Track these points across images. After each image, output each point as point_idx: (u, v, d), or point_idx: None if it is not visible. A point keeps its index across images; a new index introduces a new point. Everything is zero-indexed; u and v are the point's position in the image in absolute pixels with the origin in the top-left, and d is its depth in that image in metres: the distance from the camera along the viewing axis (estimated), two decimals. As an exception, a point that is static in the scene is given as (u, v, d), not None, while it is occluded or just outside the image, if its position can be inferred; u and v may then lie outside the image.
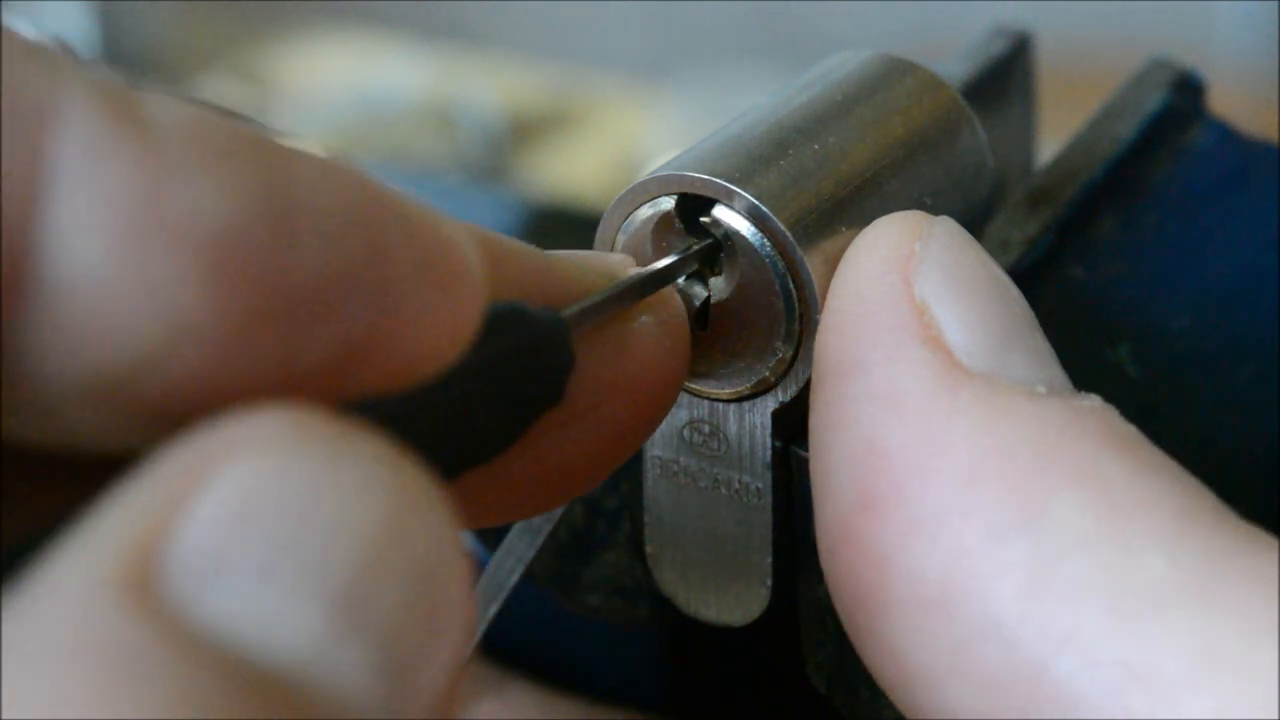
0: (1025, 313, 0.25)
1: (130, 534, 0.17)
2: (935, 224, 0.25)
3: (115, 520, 0.17)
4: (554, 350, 0.24)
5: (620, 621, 0.31)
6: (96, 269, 0.18)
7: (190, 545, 0.17)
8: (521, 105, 1.20)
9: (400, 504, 0.18)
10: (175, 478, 0.17)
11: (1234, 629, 0.20)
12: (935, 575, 0.22)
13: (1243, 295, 0.31)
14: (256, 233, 0.18)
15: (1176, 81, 0.35)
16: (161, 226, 0.18)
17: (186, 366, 0.18)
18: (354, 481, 0.18)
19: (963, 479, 0.22)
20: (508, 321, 0.23)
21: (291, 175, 0.19)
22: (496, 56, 1.38)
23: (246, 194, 0.19)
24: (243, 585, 0.17)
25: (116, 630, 0.16)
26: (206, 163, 0.18)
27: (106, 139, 0.18)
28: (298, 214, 0.19)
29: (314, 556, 0.17)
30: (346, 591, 0.17)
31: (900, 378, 0.23)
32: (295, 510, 0.17)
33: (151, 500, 0.17)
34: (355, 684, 0.17)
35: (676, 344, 0.26)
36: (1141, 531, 0.21)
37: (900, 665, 0.22)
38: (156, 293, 0.18)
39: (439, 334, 0.20)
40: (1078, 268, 0.31)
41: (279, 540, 0.17)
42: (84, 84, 0.18)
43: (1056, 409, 0.23)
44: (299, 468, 0.17)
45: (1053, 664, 0.21)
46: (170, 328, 0.18)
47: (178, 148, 0.18)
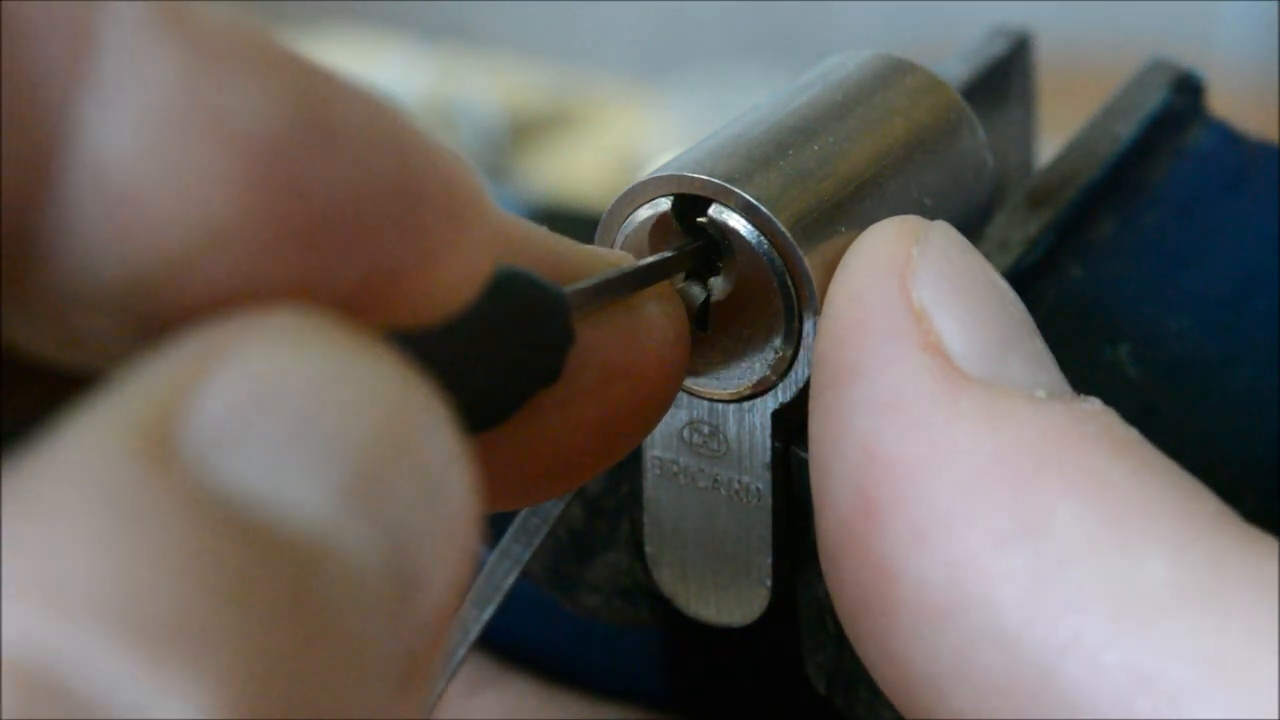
0: (1023, 316, 0.24)
1: (151, 399, 0.17)
2: (932, 228, 0.25)
3: (137, 386, 0.17)
4: (553, 323, 0.24)
5: (620, 621, 0.31)
6: (134, 158, 0.18)
7: (209, 414, 0.17)
8: (521, 105, 1.20)
9: (408, 406, 0.18)
10: (197, 353, 0.17)
11: (1239, 634, 0.20)
12: (938, 582, 0.22)
13: (1242, 296, 0.31)
14: (296, 142, 0.18)
15: (1176, 81, 0.35)
16: (203, 123, 0.18)
17: (215, 273, 0.18)
18: (367, 377, 0.18)
19: (964, 485, 0.22)
20: (510, 284, 0.23)
21: (333, 94, 0.19)
22: (496, 56, 1.38)
23: (289, 103, 0.18)
24: (259, 456, 0.17)
25: (133, 481, 0.16)
26: (251, 67, 0.18)
27: (155, 29, 0.18)
28: (336, 129, 0.19)
29: (328, 438, 0.17)
30: (357, 476, 0.17)
31: (899, 384, 0.23)
32: (311, 393, 0.17)
33: (173, 371, 0.17)
34: (363, 563, 0.17)
35: (678, 334, 0.26)
36: (1144, 536, 0.21)
37: (903, 671, 0.22)
38: (192, 190, 0.18)
39: (457, 270, 0.20)
40: (1078, 268, 0.31)
41: (295, 418, 0.17)
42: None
43: (1057, 413, 0.23)
44: (316, 356, 0.17)
45: (1057, 670, 0.21)
46: (202, 228, 0.18)
47: (225, 49, 0.18)
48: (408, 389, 0.18)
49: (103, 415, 0.16)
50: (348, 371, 0.18)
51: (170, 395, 0.17)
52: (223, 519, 0.16)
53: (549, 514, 0.28)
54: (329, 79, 0.19)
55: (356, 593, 0.17)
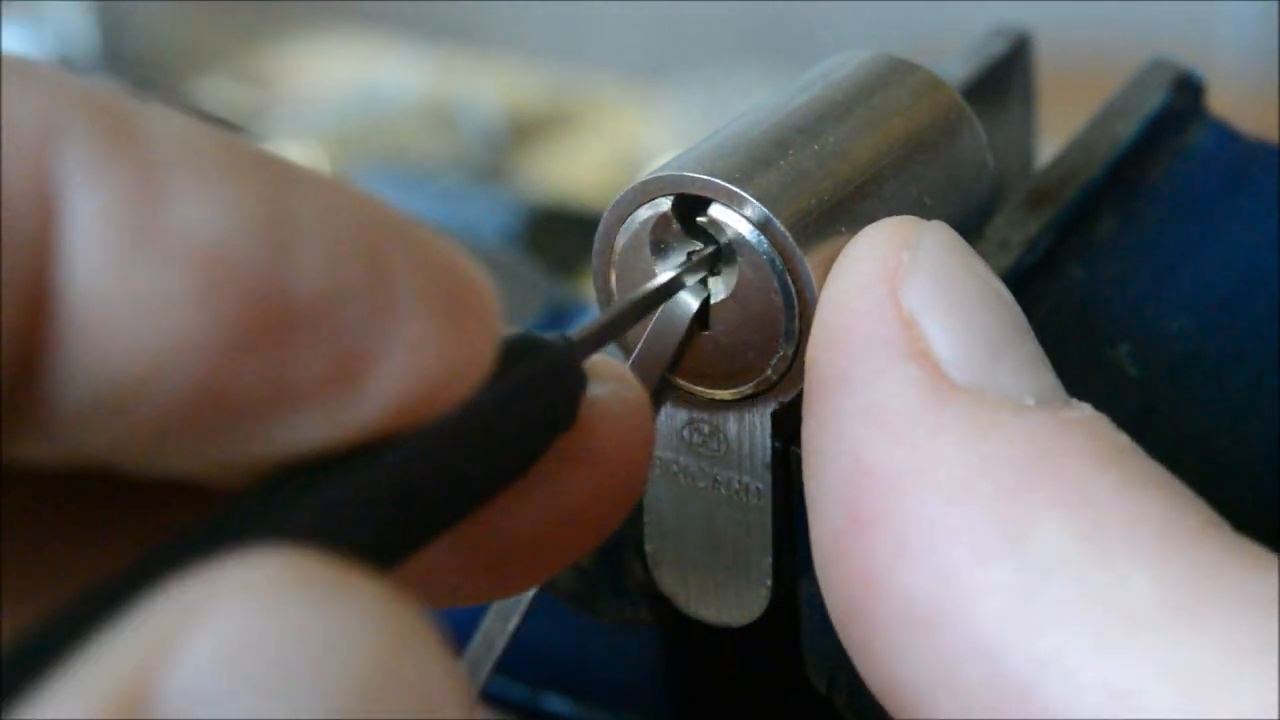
0: (1017, 320, 0.24)
1: (121, 675, 0.17)
2: (925, 232, 0.25)
3: (106, 661, 0.17)
4: (567, 374, 0.24)
5: (620, 621, 0.31)
6: (101, 283, 0.18)
7: (181, 688, 0.17)
8: (521, 105, 1.20)
9: (395, 648, 0.18)
10: (168, 619, 0.17)
11: (1218, 651, 0.20)
12: (922, 595, 0.22)
13: (1242, 296, 0.31)
14: (251, 249, 0.19)
15: (1176, 81, 0.35)
16: (158, 240, 0.18)
17: (186, 380, 0.19)
18: (348, 626, 0.17)
19: (948, 498, 0.22)
20: (520, 350, 0.23)
21: (291, 191, 0.19)
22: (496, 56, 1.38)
23: (243, 209, 0.19)
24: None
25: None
26: (203, 177, 0.19)
27: (103, 155, 0.18)
28: (296, 230, 0.19)
29: (307, 702, 0.17)
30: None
31: (887, 394, 0.23)
32: (288, 655, 0.17)
33: (143, 641, 0.17)
34: None
35: (638, 419, 0.25)
36: (1126, 551, 0.21)
37: (890, 681, 0.22)
38: (155, 306, 0.18)
39: (448, 363, 0.20)
40: (1078, 268, 0.31)
41: (272, 685, 0.17)
42: (81, 100, 0.19)
43: (1044, 423, 0.23)
44: (293, 611, 0.17)
45: (1037, 685, 0.21)
46: (170, 341, 0.18)
47: (174, 162, 0.19)
48: (393, 625, 0.18)
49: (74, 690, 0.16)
50: (327, 623, 0.17)
51: (145, 665, 0.17)
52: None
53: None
54: (291, 176, 0.19)
55: None
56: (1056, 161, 0.33)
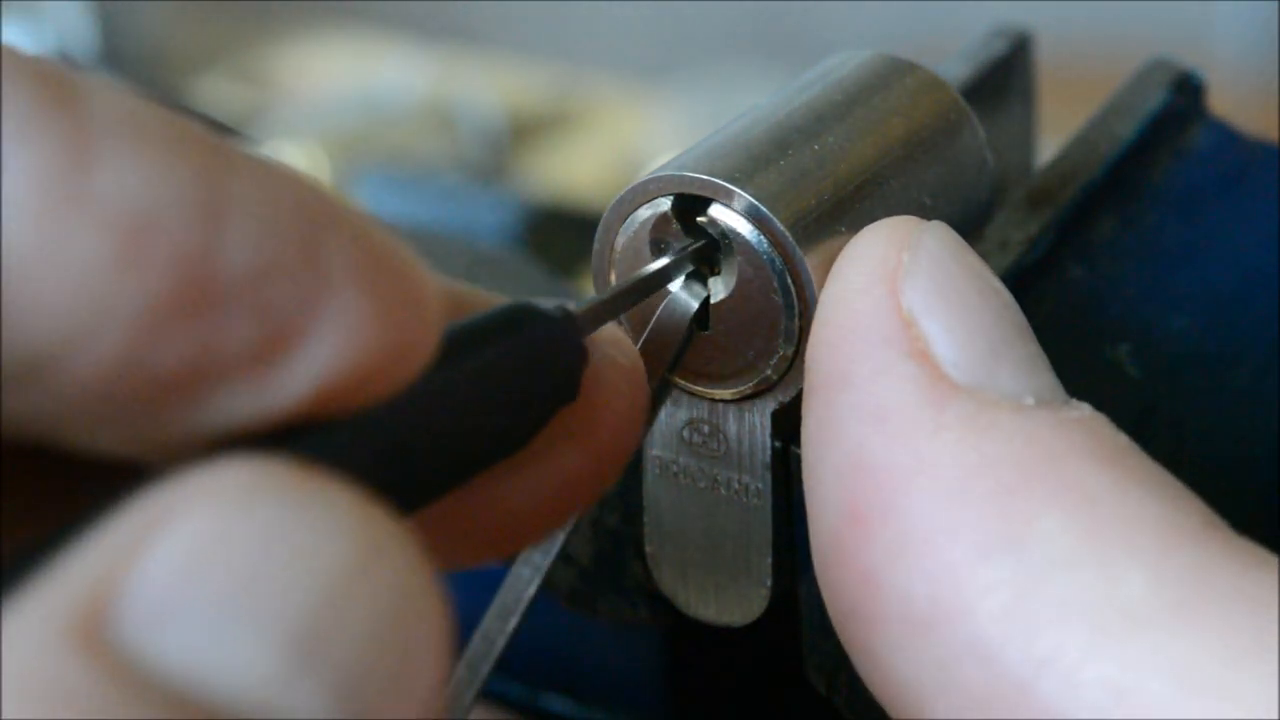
0: (1016, 320, 0.24)
1: (83, 583, 0.17)
2: (925, 231, 0.25)
3: (72, 570, 0.17)
4: (565, 346, 0.24)
5: (620, 621, 0.31)
6: (20, 244, 0.18)
7: (142, 592, 0.17)
8: (521, 105, 1.20)
9: (363, 547, 0.18)
10: (131, 528, 0.17)
11: (1217, 651, 0.20)
12: (921, 593, 0.22)
13: (1242, 295, 0.31)
14: (179, 220, 0.19)
15: (1176, 81, 0.35)
16: (82, 204, 0.18)
17: (110, 348, 0.18)
18: (312, 524, 0.17)
19: (948, 497, 0.22)
20: (517, 318, 0.23)
21: (228, 169, 0.19)
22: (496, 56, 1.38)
23: (172, 180, 0.19)
24: (196, 629, 0.17)
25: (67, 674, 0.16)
26: (138, 147, 0.19)
27: (35, 117, 0.18)
28: (228, 206, 0.19)
29: (269, 598, 0.17)
30: (303, 631, 0.17)
31: (887, 393, 0.23)
32: (250, 554, 0.17)
33: (106, 550, 0.17)
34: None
35: (632, 385, 0.25)
36: (1125, 550, 0.21)
37: (889, 679, 0.22)
38: (76, 271, 0.18)
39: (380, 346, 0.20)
40: (1078, 268, 0.31)
41: (233, 583, 0.17)
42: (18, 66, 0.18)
43: (1043, 423, 0.23)
44: (256, 513, 0.17)
45: (1036, 684, 0.21)
46: (90, 308, 0.18)
47: (106, 130, 0.19)
48: (362, 526, 0.18)
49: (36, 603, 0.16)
50: (293, 521, 0.17)
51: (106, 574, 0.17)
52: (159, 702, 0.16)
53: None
54: (226, 153, 0.19)
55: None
56: (1056, 161, 0.33)
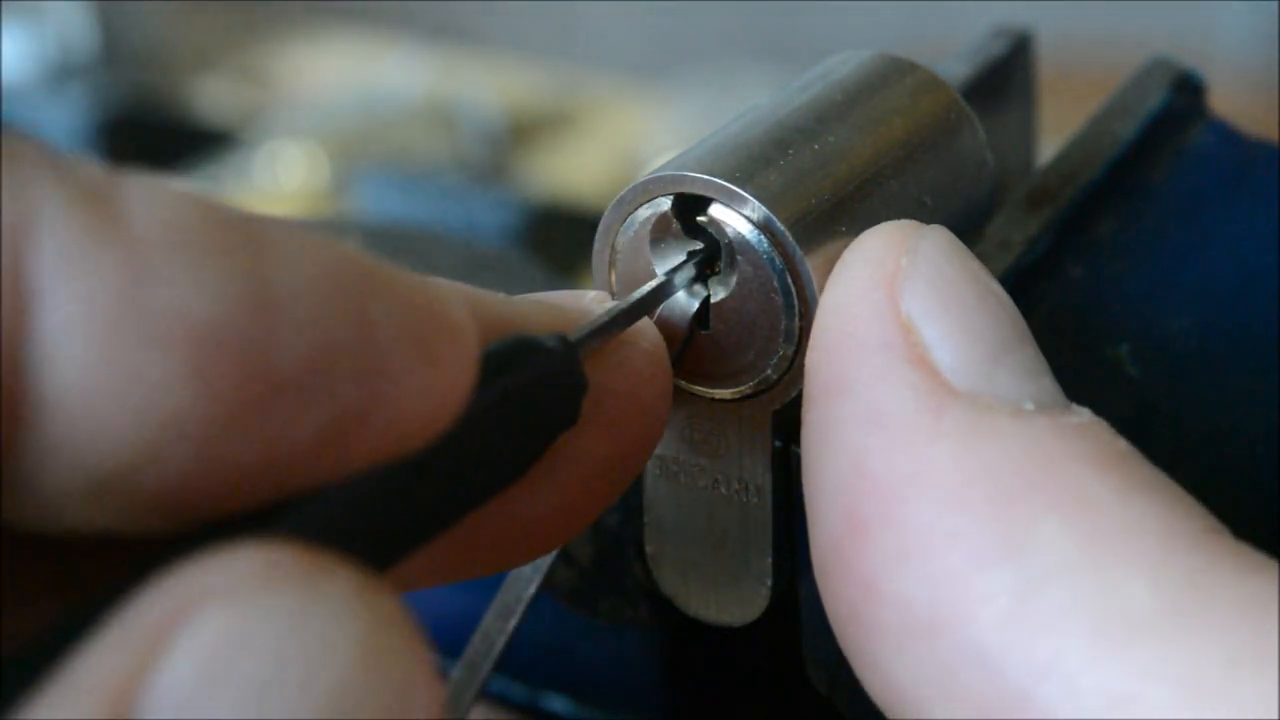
0: (1016, 324, 0.24)
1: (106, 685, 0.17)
2: (923, 236, 0.25)
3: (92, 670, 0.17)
4: (565, 375, 0.24)
5: (620, 621, 0.31)
6: (84, 374, 0.18)
7: (166, 696, 0.17)
8: (521, 105, 1.20)
9: (373, 641, 0.18)
10: (150, 624, 0.17)
11: (1217, 658, 0.20)
12: (921, 601, 0.22)
13: (1243, 295, 0.31)
14: (239, 324, 0.19)
15: (1176, 81, 0.35)
16: (144, 326, 0.18)
17: (180, 460, 0.19)
18: (327, 619, 0.18)
19: (947, 504, 0.22)
20: (516, 355, 0.23)
21: (273, 261, 0.19)
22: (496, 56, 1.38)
23: (227, 287, 0.19)
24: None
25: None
26: (188, 257, 0.19)
27: (85, 243, 0.18)
28: (280, 301, 0.19)
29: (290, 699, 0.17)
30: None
31: (885, 399, 0.23)
32: (268, 658, 0.17)
33: (124, 651, 0.17)
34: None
35: (656, 372, 0.26)
36: (1125, 557, 0.21)
37: (889, 686, 0.22)
38: (143, 392, 0.18)
39: (430, 400, 0.20)
40: (1078, 268, 0.31)
41: (252, 690, 0.17)
42: (59, 187, 0.18)
43: (1043, 429, 0.23)
44: (272, 611, 0.18)
45: (1036, 691, 0.21)
46: (160, 425, 0.18)
47: (157, 245, 0.19)
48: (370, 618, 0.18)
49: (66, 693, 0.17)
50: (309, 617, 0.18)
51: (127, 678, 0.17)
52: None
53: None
54: (272, 242, 0.19)
55: None
56: (1056, 161, 0.33)
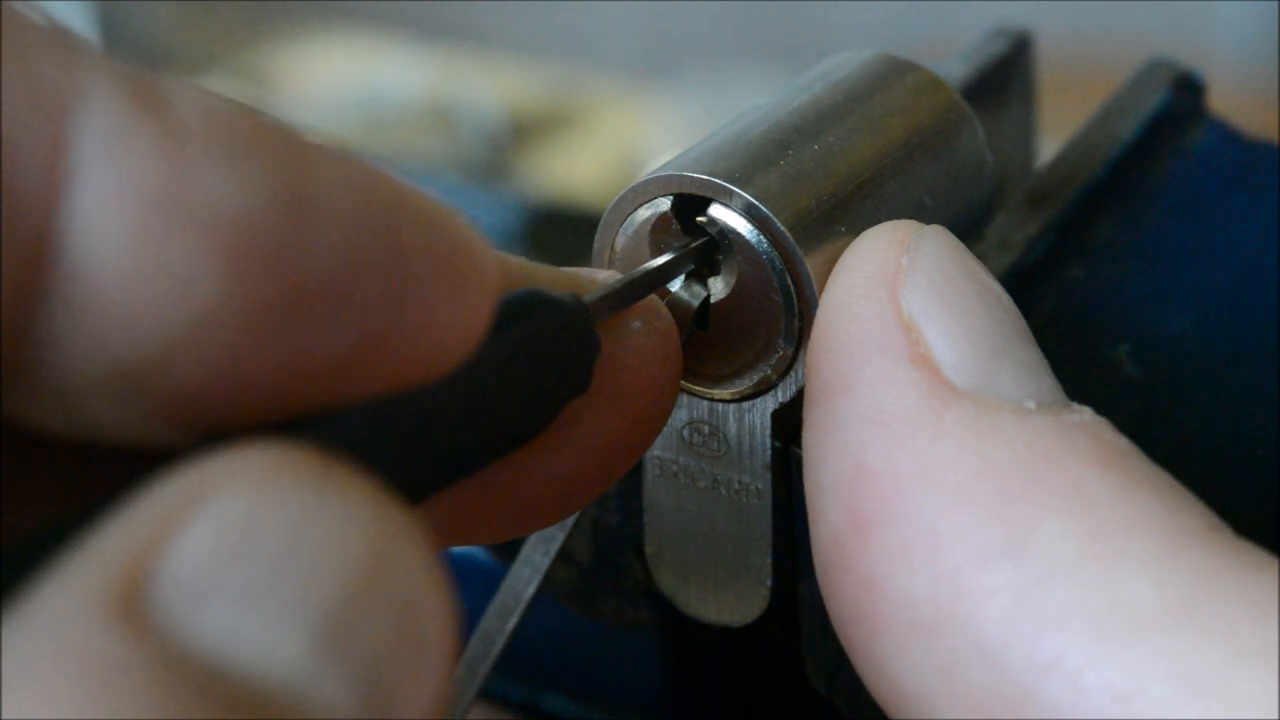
0: (1016, 323, 0.24)
1: (120, 558, 0.17)
2: (924, 235, 0.25)
3: (107, 544, 0.17)
4: (577, 334, 0.24)
5: (620, 621, 0.31)
6: (118, 256, 0.18)
7: (178, 570, 0.17)
8: (521, 105, 1.20)
9: (383, 540, 0.18)
10: (165, 505, 0.17)
11: (1220, 654, 0.20)
12: (924, 598, 0.22)
13: (1243, 295, 0.31)
14: (277, 224, 0.18)
15: (1176, 81, 0.35)
16: (183, 214, 0.18)
17: (206, 357, 0.18)
18: (338, 516, 0.18)
19: (950, 502, 0.22)
20: (530, 305, 0.23)
21: (312, 169, 0.19)
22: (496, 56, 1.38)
23: (268, 185, 0.19)
24: (229, 609, 0.17)
25: (103, 645, 0.16)
26: (229, 152, 0.18)
27: (129, 126, 0.18)
28: (318, 207, 0.19)
29: (299, 586, 0.17)
30: (331, 620, 0.17)
31: (887, 398, 0.23)
32: (281, 541, 0.17)
33: (142, 526, 0.17)
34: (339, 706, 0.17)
35: (668, 352, 0.26)
36: (1127, 554, 0.21)
37: (892, 684, 0.22)
38: (177, 281, 0.18)
39: (452, 332, 0.20)
40: (1078, 268, 0.31)
41: (265, 569, 0.17)
42: (106, 71, 0.18)
43: (1045, 426, 0.23)
44: (285, 501, 0.17)
45: (1039, 688, 0.21)
46: (190, 317, 0.18)
47: (200, 136, 0.18)
48: (381, 520, 0.18)
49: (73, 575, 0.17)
50: (320, 511, 0.18)
51: (141, 551, 0.17)
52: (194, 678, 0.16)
53: (566, 522, 0.28)
54: (309, 151, 0.19)
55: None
56: (1056, 161, 0.33)
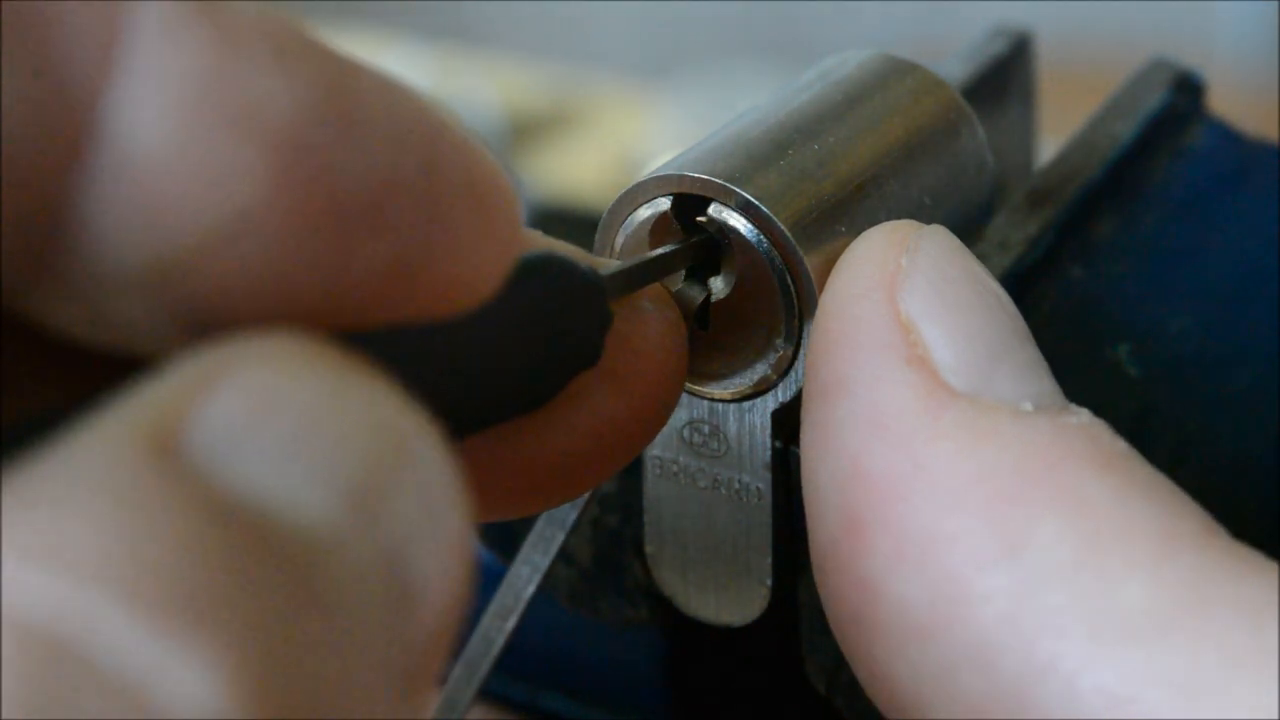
0: (1015, 324, 0.24)
1: (158, 406, 0.17)
2: (923, 236, 0.25)
3: (144, 395, 0.17)
4: (591, 302, 0.24)
5: (620, 621, 0.31)
6: (162, 145, 0.18)
7: (214, 420, 0.17)
8: (521, 105, 1.20)
9: (404, 424, 0.18)
10: (200, 368, 0.17)
11: (1214, 659, 0.20)
12: (920, 601, 0.22)
13: (1243, 295, 0.31)
14: (320, 131, 0.18)
15: (1176, 81, 0.35)
16: (230, 111, 0.18)
17: (241, 257, 0.18)
18: (362, 395, 0.18)
19: (946, 504, 0.22)
20: (544, 266, 0.23)
21: (357, 83, 0.19)
22: (496, 56, 1.38)
23: (315, 93, 0.18)
24: (262, 459, 0.17)
25: (139, 477, 0.16)
26: (278, 57, 0.18)
27: (183, 20, 0.18)
28: (360, 120, 0.19)
29: (330, 447, 0.17)
30: (360, 482, 0.17)
31: (884, 400, 0.23)
32: (308, 408, 0.17)
33: (179, 382, 0.17)
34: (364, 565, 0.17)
35: (676, 338, 0.26)
36: (1122, 559, 0.21)
37: (889, 686, 0.22)
38: (219, 178, 0.18)
39: (478, 264, 0.20)
40: (1078, 268, 0.31)
41: (296, 428, 0.17)
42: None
43: (1041, 429, 0.23)
44: (313, 375, 0.18)
45: (1034, 693, 0.21)
46: (229, 214, 0.18)
47: (251, 37, 0.18)
48: (402, 412, 0.18)
49: (110, 420, 0.17)
50: (345, 391, 0.18)
51: (176, 404, 0.17)
52: (227, 512, 0.16)
53: (566, 521, 0.28)
54: (355, 68, 0.19)
55: (358, 592, 0.17)
56: (1056, 161, 0.33)
